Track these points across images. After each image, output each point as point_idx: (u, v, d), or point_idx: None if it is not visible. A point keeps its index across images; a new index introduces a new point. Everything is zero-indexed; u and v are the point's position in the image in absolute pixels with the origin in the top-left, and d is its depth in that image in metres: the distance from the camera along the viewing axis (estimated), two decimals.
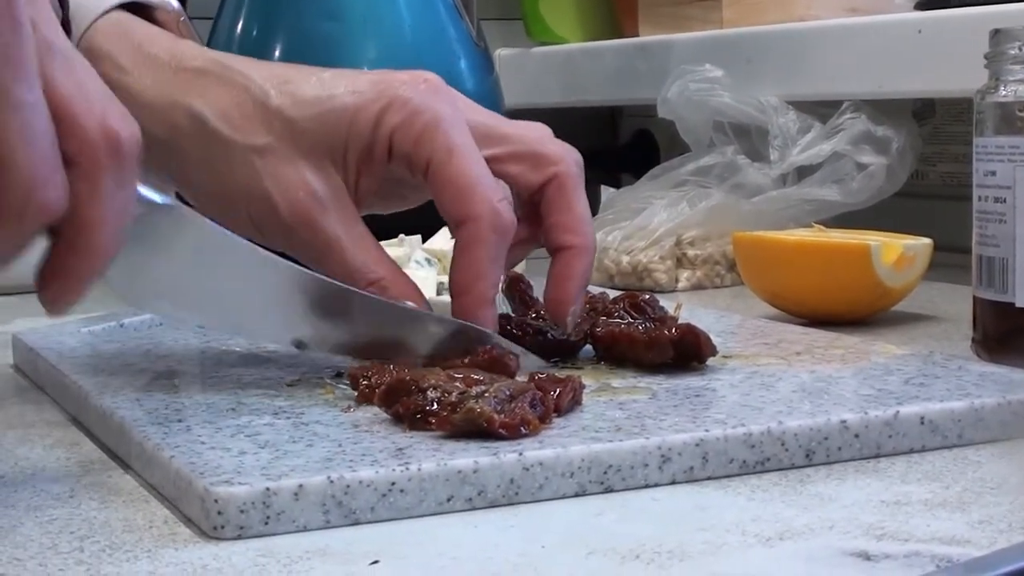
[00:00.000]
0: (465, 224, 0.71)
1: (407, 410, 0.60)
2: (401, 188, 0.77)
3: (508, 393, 0.59)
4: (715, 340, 0.72)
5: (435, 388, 0.61)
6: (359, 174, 0.74)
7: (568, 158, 0.76)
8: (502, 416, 0.58)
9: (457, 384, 0.61)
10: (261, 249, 0.69)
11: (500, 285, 0.74)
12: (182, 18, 0.80)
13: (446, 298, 0.86)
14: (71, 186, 0.54)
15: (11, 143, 0.51)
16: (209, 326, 0.78)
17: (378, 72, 0.75)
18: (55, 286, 0.56)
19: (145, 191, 0.62)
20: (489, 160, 0.73)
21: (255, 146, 0.73)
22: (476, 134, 0.73)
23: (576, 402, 0.64)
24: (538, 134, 0.77)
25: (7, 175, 0.51)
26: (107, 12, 0.76)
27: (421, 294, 0.74)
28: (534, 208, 0.76)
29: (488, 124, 0.75)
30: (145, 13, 0.78)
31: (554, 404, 0.61)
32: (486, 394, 0.59)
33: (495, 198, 0.71)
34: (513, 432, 0.57)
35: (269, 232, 0.73)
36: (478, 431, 0.57)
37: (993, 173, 0.76)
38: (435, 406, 0.59)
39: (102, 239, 0.55)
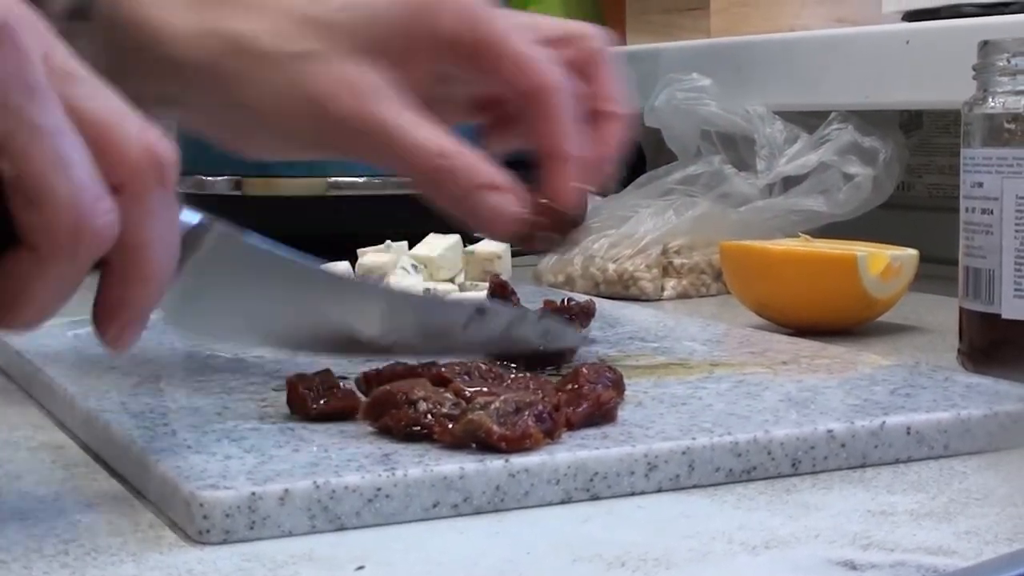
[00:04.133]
0: (538, 92, 0.72)
1: (397, 423, 0.59)
2: (446, 87, 0.76)
3: (514, 406, 0.58)
4: (701, 349, 0.72)
5: (425, 400, 0.60)
6: (408, 73, 0.72)
7: (596, 33, 0.78)
8: (504, 429, 0.57)
9: (447, 395, 0.61)
10: (300, 259, 0.68)
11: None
12: None
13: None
14: (119, 213, 0.52)
15: (43, 171, 0.49)
16: (270, 346, 0.74)
17: None
18: (116, 323, 0.54)
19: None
20: None
21: (300, 53, 0.72)
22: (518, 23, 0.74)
23: (608, 419, 0.62)
24: (558, 19, 0.78)
25: (50, 207, 0.49)
26: None
27: (487, 161, 0.72)
28: None
29: (512, 16, 0.76)
30: None
31: (566, 419, 0.60)
32: (490, 405, 0.58)
33: (558, 68, 0.73)
34: (514, 445, 0.56)
35: (328, 136, 0.72)
36: (479, 443, 0.57)
37: (980, 185, 0.76)
38: (429, 418, 0.59)
39: (158, 264, 0.53)
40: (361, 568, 0.49)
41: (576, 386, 0.63)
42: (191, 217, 0.61)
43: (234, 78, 0.72)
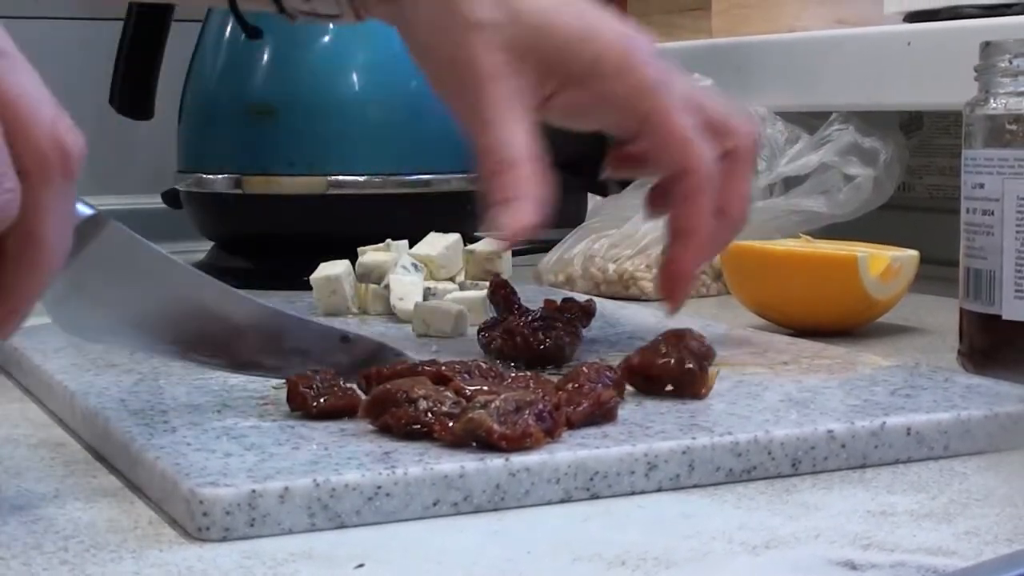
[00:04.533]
0: (688, 175, 0.76)
1: (398, 421, 0.59)
2: (586, 115, 0.81)
3: (515, 405, 0.58)
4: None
5: (425, 398, 0.60)
6: (555, 92, 0.78)
7: (749, 132, 0.81)
8: (504, 428, 0.56)
9: (447, 394, 0.61)
10: (191, 267, 0.68)
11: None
12: None
13: (434, 303, 0.86)
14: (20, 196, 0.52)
15: None
16: (139, 348, 0.75)
17: (602, 13, 0.79)
18: (2, 308, 0.54)
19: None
20: None
21: (477, 20, 0.76)
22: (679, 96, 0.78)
23: (608, 418, 0.62)
24: (725, 104, 0.81)
25: None
26: None
27: (543, 182, 0.76)
28: None
29: (686, 89, 0.79)
30: None
31: (567, 419, 0.60)
32: (490, 404, 0.58)
33: (710, 155, 0.77)
34: (514, 444, 0.56)
35: (448, 87, 0.78)
36: (480, 442, 0.57)
37: (981, 185, 0.76)
38: (429, 416, 0.59)
39: (50, 254, 0.53)
40: (361, 566, 0.49)
41: (576, 385, 0.63)
42: (84, 210, 0.61)
43: (418, 14, 0.78)
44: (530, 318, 0.79)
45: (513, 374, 0.66)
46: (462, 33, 0.76)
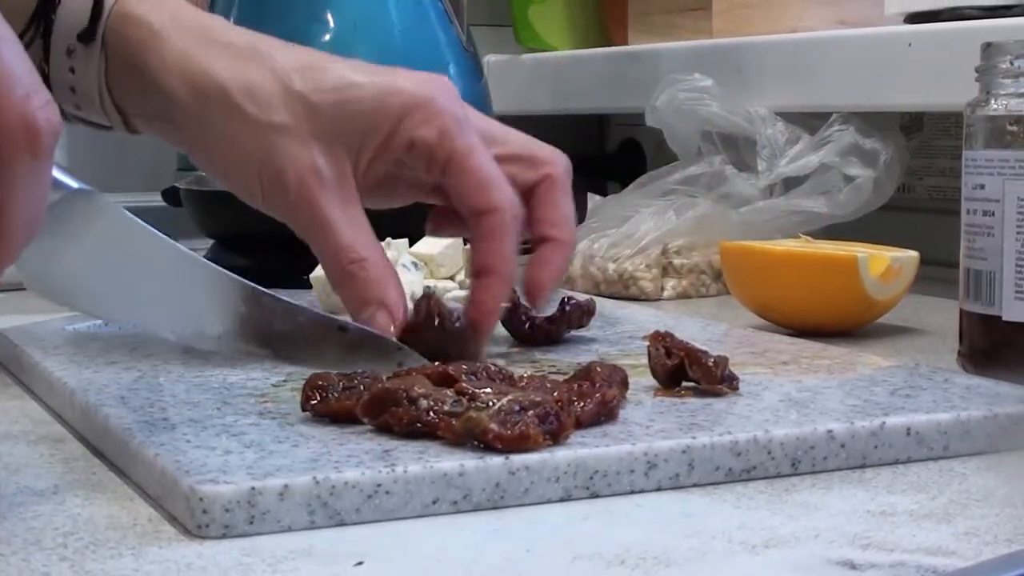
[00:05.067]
0: (489, 214, 0.76)
1: (399, 421, 0.59)
2: (400, 184, 0.80)
3: (519, 406, 0.58)
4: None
5: (425, 397, 0.60)
6: (370, 164, 0.77)
7: (559, 160, 0.81)
8: (502, 428, 0.56)
9: (448, 393, 0.60)
10: (178, 244, 0.68)
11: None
12: None
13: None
14: None
15: None
16: (115, 318, 0.75)
17: (397, 69, 0.79)
18: None
19: (60, 175, 0.61)
20: None
21: (274, 124, 0.76)
22: (479, 135, 0.78)
23: (610, 417, 0.62)
24: (527, 137, 0.82)
25: None
26: None
27: (397, 282, 0.77)
28: (523, 205, 0.79)
29: (487, 128, 0.80)
30: None
31: (575, 419, 0.60)
32: (493, 405, 0.58)
33: (511, 191, 0.77)
34: (510, 445, 0.56)
35: (276, 204, 0.77)
36: (478, 441, 0.57)
37: (982, 186, 0.76)
38: (430, 415, 0.59)
39: (14, 228, 0.53)
40: (360, 564, 0.49)
41: (589, 384, 0.63)
42: (70, 181, 0.61)
43: (215, 126, 0.76)
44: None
45: (524, 374, 0.66)
46: (266, 141, 0.76)
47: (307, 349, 0.73)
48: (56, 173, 0.59)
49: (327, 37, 1.23)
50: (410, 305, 0.77)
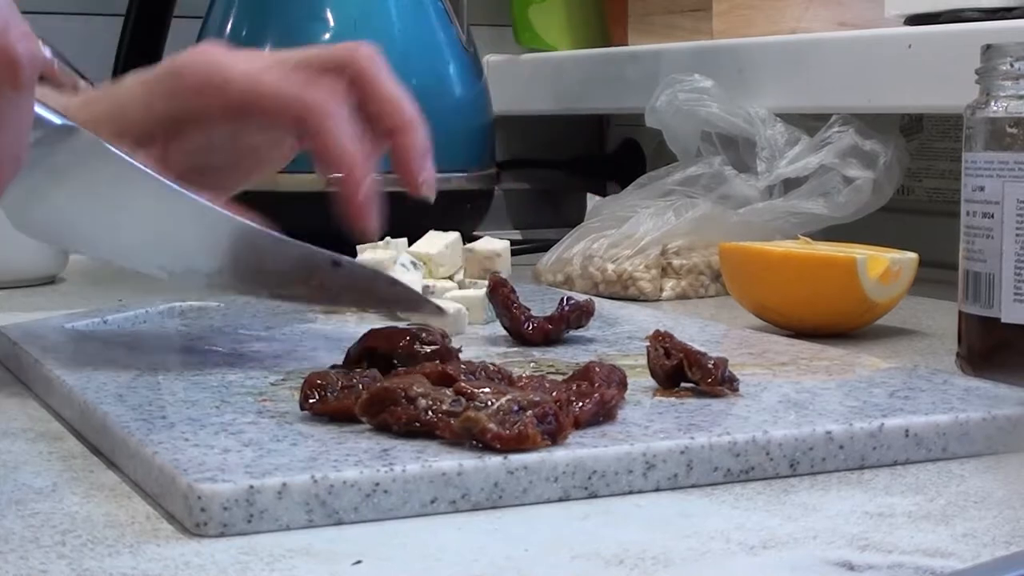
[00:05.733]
0: (306, 116, 0.76)
1: (398, 420, 0.59)
2: (210, 159, 0.79)
3: (518, 406, 0.58)
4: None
5: (424, 396, 0.60)
6: (173, 145, 0.76)
7: (360, 50, 0.80)
8: (501, 428, 0.56)
9: (446, 392, 0.60)
10: (162, 178, 0.68)
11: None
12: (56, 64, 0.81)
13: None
14: None
15: None
16: (102, 256, 0.74)
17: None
18: None
19: (43, 112, 0.60)
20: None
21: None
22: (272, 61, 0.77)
23: (608, 417, 0.62)
24: (323, 47, 0.82)
25: None
26: None
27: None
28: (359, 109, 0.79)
29: (275, 58, 0.79)
30: None
31: (573, 419, 0.60)
32: (491, 404, 0.58)
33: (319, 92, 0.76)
34: (508, 445, 0.56)
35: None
36: (476, 440, 0.57)
37: (982, 188, 0.76)
38: (429, 415, 0.59)
39: None
40: (358, 563, 0.49)
41: (588, 384, 0.63)
42: (53, 118, 0.60)
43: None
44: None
45: (523, 374, 0.66)
46: None
47: (299, 286, 0.72)
48: (39, 109, 0.58)
49: (327, 36, 1.23)
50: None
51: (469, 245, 1.03)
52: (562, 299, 0.85)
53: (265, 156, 0.82)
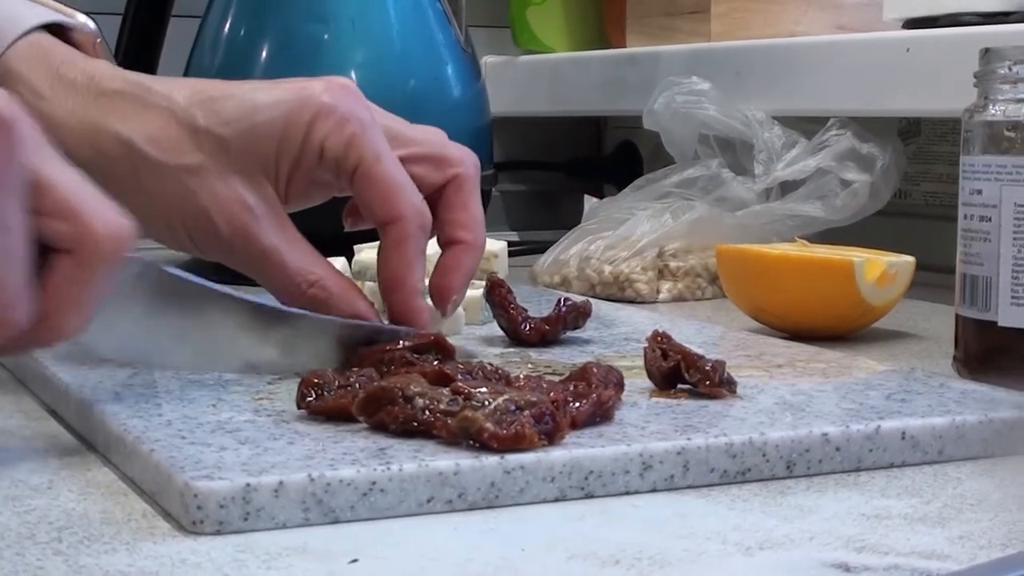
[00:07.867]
0: (394, 223, 0.75)
1: (395, 419, 0.59)
2: (318, 189, 0.79)
3: (515, 406, 0.58)
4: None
5: (421, 396, 0.60)
6: (289, 181, 0.76)
7: (468, 161, 0.80)
8: (497, 428, 0.56)
9: (444, 392, 0.60)
10: (209, 283, 0.69)
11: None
12: (98, 39, 0.80)
13: (430, 302, 0.86)
14: (59, 271, 0.56)
15: None
16: (174, 367, 0.76)
17: (294, 81, 0.77)
18: (12, 351, 0.59)
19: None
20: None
21: (187, 166, 0.74)
22: (387, 136, 0.76)
23: (605, 417, 0.62)
24: (440, 138, 0.81)
25: None
26: (25, 34, 0.75)
27: (359, 291, 0.77)
28: (432, 206, 0.78)
29: (395, 127, 0.79)
30: (62, 34, 0.78)
31: (571, 419, 0.60)
32: (488, 404, 0.58)
33: (417, 199, 0.76)
34: (505, 444, 0.56)
35: (207, 246, 0.75)
36: (473, 440, 0.57)
37: (979, 192, 0.76)
38: (426, 414, 0.59)
39: (68, 324, 0.57)
40: (354, 561, 0.49)
41: (585, 385, 0.63)
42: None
43: (124, 180, 0.73)
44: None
45: (520, 374, 0.66)
46: (181, 186, 0.74)
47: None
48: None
49: (325, 37, 1.23)
50: None
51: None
52: (559, 300, 0.86)
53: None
